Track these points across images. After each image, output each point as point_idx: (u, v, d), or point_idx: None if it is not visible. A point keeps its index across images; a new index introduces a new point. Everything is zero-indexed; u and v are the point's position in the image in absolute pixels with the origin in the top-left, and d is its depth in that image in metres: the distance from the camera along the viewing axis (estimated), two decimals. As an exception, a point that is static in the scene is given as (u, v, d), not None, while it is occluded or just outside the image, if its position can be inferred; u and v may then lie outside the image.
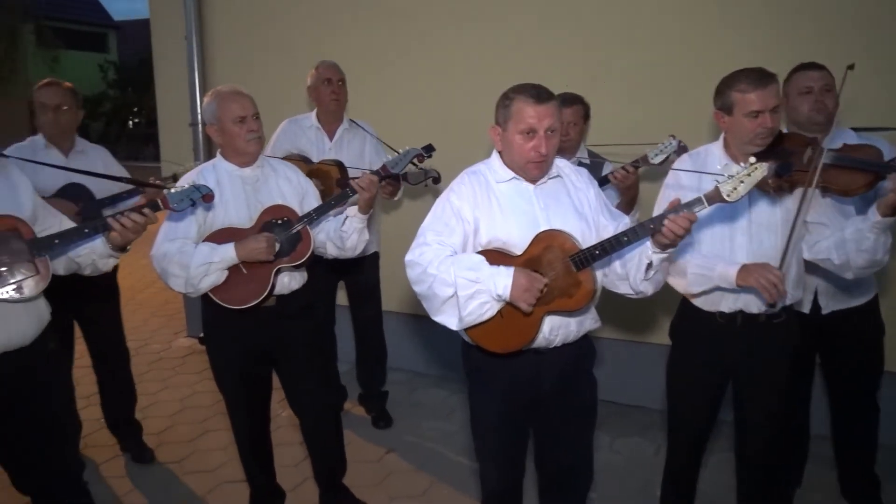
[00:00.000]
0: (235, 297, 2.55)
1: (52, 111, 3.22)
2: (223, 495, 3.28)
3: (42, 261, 2.03)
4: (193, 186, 2.26)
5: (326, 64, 3.65)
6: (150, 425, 3.87)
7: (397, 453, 3.64)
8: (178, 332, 5.71)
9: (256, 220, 2.60)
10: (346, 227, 2.66)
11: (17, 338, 2.05)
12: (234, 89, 2.63)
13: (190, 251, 2.48)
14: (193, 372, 4.83)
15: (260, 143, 2.64)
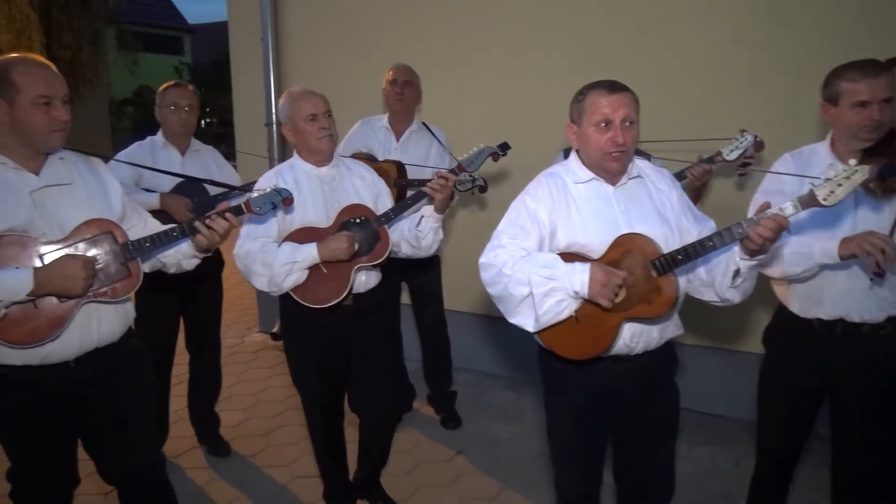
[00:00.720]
0: (317, 296, 2.60)
1: (183, 111, 3.35)
2: (298, 489, 3.34)
3: (134, 263, 2.10)
4: (274, 190, 2.30)
5: (395, 65, 3.69)
6: (225, 418, 3.97)
7: (467, 455, 3.64)
8: (251, 327, 5.85)
9: (335, 220, 2.63)
10: (421, 226, 2.67)
11: (107, 335, 2.13)
12: (306, 89, 2.68)
13: (273, 250, 2.53)
14: (266, 367, 4.95)
15: (332, 140, 2.67)
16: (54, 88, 1.96)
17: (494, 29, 4.29)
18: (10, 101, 1.92)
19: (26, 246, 1.94)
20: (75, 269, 1.90)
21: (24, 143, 1.98)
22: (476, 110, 4.36)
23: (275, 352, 5.25)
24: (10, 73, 1.91)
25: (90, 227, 2.03)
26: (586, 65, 3.93)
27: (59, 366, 2.03)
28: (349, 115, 4.78)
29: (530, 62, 4.20)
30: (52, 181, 2.03)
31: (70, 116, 2.00)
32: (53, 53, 14.82)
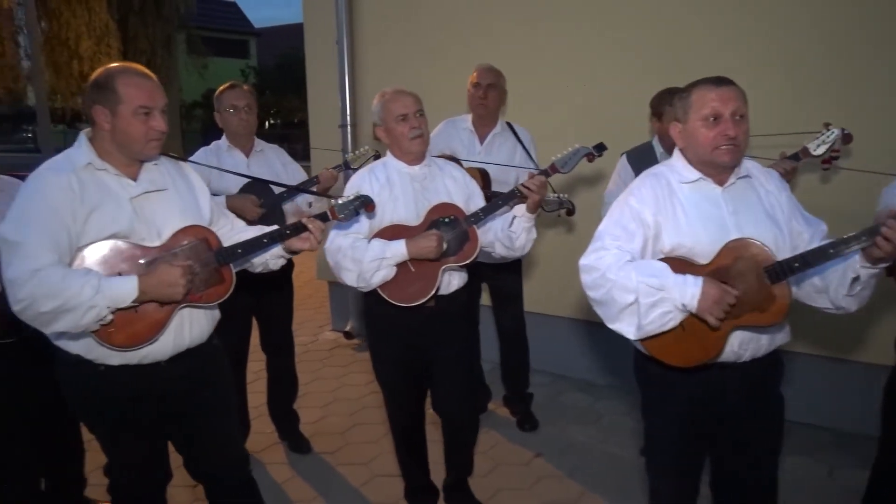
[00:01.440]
0: (403, 295, 2.60)
1: (243, 112, 3.39)
2: (377, 488, 3.35)
3: (226, 268, 2.13)
4: (357, 197, 2.34)
5: (479, 67, 3.63)
6: (303, 416, 4.00)
7: (545, 458, 3.58)
8: (323, 325, 5.92)
9: (424, 218, 2.63)
10: (514, 227, 2.63)
11: (197, 337, 2.18)
12: (397, 89, 2.68)
13: (362, 246, 2.54)
14: (340, 365, 4.99)
15: (423, 141, 2.67)
16: (154, 99, 1.99)
17: (568, 27, 4.22)
18: (112, 109, 1.96)
19: (128, 252, 1.98)
20: (176, 276, 1.94)
21: (123, 151, 2.02)
22: (553, 111, 4.29)
23: (347, 350, 5.30)
24: (115, 83, 1.95)
25: (186, 234, 2.07)
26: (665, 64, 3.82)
27: (152, 365, 2.08)
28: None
29: (611, 60, 4.11)
30: (149, 187, 2.07)
31: (167, 126, 2.04)
32: (130, 59, 15.39)
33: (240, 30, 29.38)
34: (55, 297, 1.81)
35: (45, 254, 1.85)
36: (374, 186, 2.62)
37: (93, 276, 1.86)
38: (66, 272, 1.85)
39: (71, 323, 1.86)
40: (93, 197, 1.96)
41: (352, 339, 5.47)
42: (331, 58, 5.06)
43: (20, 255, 1.84)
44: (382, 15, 4.95)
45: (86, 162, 1.99)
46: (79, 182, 1.95)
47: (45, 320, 1.86)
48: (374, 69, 5.03)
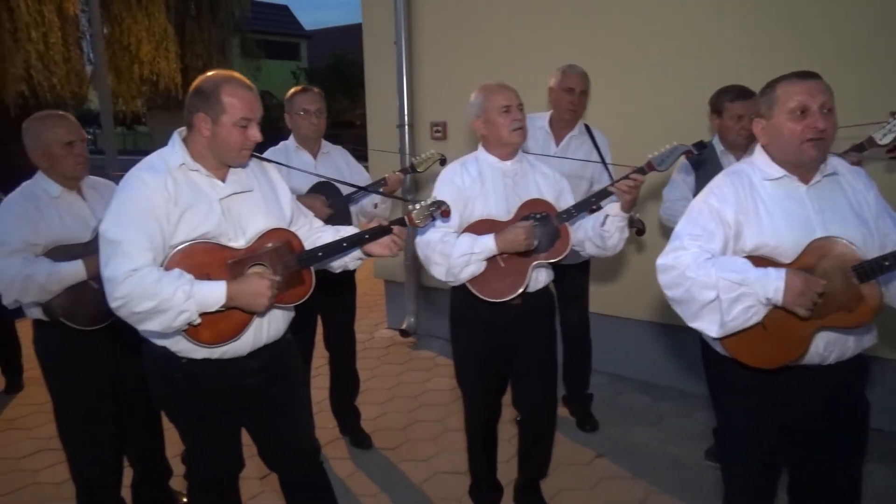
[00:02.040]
0: (492, 290, 2.60)
1: (314, 116, 3.45)
2: (439, 484, 3.36)
3: (307, 271, 2.18)
4: (433, 202, 2.35)
5: (572, 72, 3.55)
6: (363, 412, 4.05)
7: (608, 458, 3.55)
8: (378, 323, 5.98)
9: (515, 214, 2.62)
10: (607, 226, 2.60)
11: (275, 334, 2.24)
12: (499, 83, 2.67)
13: (452, 241, 2.54)
14: (397, 363, 5.03)
15: (523, 133, 2.66)
16: (254, 111, 2.04)
17: (625, 26, 4.17)
18: (214, 118, 2.01)
19: (216, 252, 2.04)
20: (263, 287, 1.99)
21: (216, 156, 2.08)
22: (615, 109, 4.24)
23: (403, 348, 5.33)
24: (220, 93, 2.00)
25: (270, 237, 2.12)
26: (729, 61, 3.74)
27: (231, 360, 2.14)
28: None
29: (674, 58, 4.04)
30: (237, 188, 2.13)
31: (261, 137, 2.08)
32: (187, 63, 15.80)
33: (291, 32, 29.85)
34: (150, 298, 1.88)
35: (142, 254, 1.91)
36: (465, 180, 2.63)
37: (185, 282, 1.92)
38: (161, 275, 1.91)
39: (163, 324, 1.92)
40: (186, 198, 2.01)
41: (408, 337, 5.51)
42: (389, 58, 5.11)
43: (119, 254, 1.91)
44: (440, 15, 4.97)
45: (179, 163, 2.04)
46: (173, 183, 2.00)
47: (138, 319, 1.93)
48: (432, 69, 5.06)
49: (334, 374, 3.84)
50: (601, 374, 4.44)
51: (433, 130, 5.10)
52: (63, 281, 2.51)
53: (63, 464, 3.65)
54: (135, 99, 14.97)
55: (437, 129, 5.08)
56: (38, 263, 2.48)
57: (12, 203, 2.57)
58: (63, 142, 2.59)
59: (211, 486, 2.33)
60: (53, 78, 12.68)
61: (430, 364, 4.98)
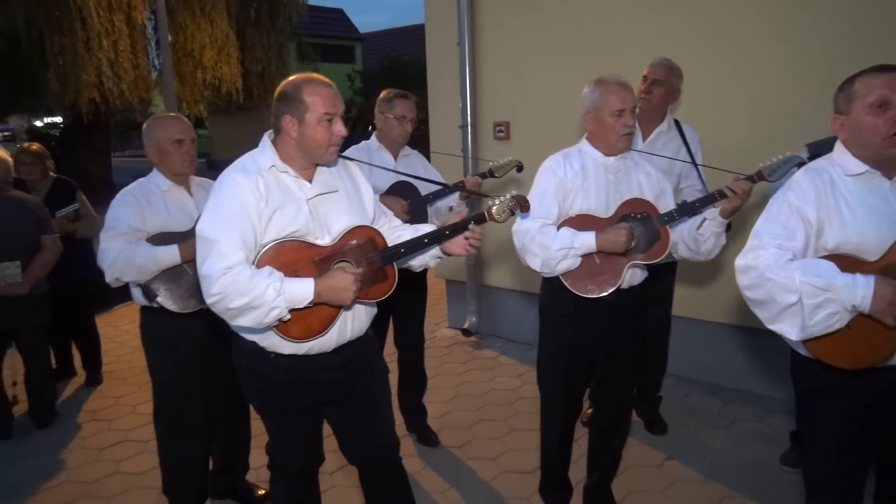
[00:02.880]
0: (586, 286, 2.59)
1: (409, 123, 3.53)
2: (507, 483, 3.38)
3: (390, 268, 2.23)
4: (512, 197, 2.32)
5: (655, 62, 3.52)
6: (430, 409, 4.09)
7: (678, 461, 3.50)
8: (439, 322, 6.02)
9: (615, 211, 2.61)
10: (703, 230, 2.55)
11: (358, 331, 2.30)
12: (618, 80, 2.62)
13: (551, 233, 2.55)
14: (460, 362, 5.06)
15: (630, 139, 2.64)
16: (336, 106, 2.10)
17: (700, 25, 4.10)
18: (300, 118, 2.07)
19: (303, 250, 2.11)
20: (348, 282, 2.04)
21: (306, 157, 2.14)
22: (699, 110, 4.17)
23: (465, 347, 5.36)
24: (301, 93, 2.06)
25: (355, 234, 2.18)
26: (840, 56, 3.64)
27: (317, 355, 2.21)
28: (540, 117, 4.80)
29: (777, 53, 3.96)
30: (323, 189, 2.19)
31: (346, 131, 2.15)
32: (247, 68, 16.19)
33: (346, 35, 30.27)
34: (244, 295, 1.95)
35: (236, 252, 1.99)
36: (567, 172, 2.63)
37: (276, 279, 1.98)
38: (253, 272, 1.98)
39: (255, 320, 2.00)
40: (276, 198, 2.08)
41: (469, 336, 5.54)
42: (452, 59, 5.15)
43: (215, 253, 1.99)
44: (504, 16, 4.98)
45: (270, 164, 2.12)
46: (264, 184, 2.08)
47: (232, 315, 2.00)
48: (495, 69, 5.07)
49: (402, 373, 3.90)
50: (669, 376, 4.37)
51: (496, 131, 5.11)
52: (159, 263, 2.72)
53: (144, 454, 3.82)
54: (198, 103, 15.42)
55: (499, 130, 5.10)
56: (138, 246, 2.71)
57: (127, 193, 2.82)
58: (174, 139, 2.81)
59: (293, 477, 2.41)
60: (122, 84, 13.21)
61: (492, 364, 4.99)
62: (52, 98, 13.35)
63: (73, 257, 4.41)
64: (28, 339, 4.19)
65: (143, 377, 5.00)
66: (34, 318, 4.16)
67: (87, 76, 12.60)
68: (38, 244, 4.08)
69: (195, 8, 14.51)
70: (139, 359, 5.37)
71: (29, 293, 4.01)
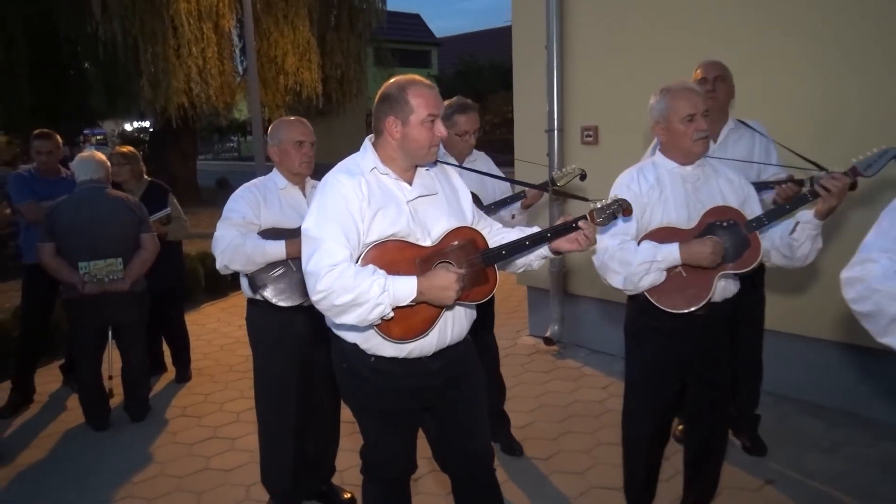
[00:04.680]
0: (673, 301, 2.51)
1: (471, 136, 3.52)
2: (596, 499, 3.28)
3: (491, 269, 2.21)
4: (615, 201, 2.26)
5: (705, 63, 3.45)
6: (513, 419, 4.04)
7: (778, 486, 3.32)
8: (520, 329, 5.95)
9: (699, 221, 2.52)
10: (797, 234, 2.45)
11: (458, 334, 2.28)
12: (685, 85, 2.58)
13: (631, 248, 2.49)
14: (542, 371, 4.98)
15: (706, 143, 2.57)
16: (438, 107, 2.13)
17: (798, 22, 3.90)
18: (404, 120, 2.11)
19: (405, 250, 2.12)
20: (450, 281, 2.02)
21: (408, 158, 2.17)
22: (784, 112, 3.99)
23: (548, 356, 5.27)
24: (406, 95, 2.10)
25: (457, 235, 2.18)
26: None
27: (416, 360, 2.20)
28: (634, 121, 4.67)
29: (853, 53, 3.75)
30: (423, 192, 2.21)
31: (446, 132, 2.17)
32: (327, 73, 16.53)
33: (422, 40, 30.61)
34: (349, 292, 1.97)
35: (341, 250, 2.02)
36: (642, 186, 2.57)
37: (380, 276, 2.00)
38: (358, 270, 2.00)
39: (359, 317, 2.01)
40: (378, 199, 2.11)
41: (552, 345, 5.45)
42: (539, 62, 5.09)
43: (320, 251, 2.02)
44: (594, 17, 4.88)
45: (371, 167, 2.16)
46: (367, 185, 2.11)
47: (337, 311, 2.02)
48: (584, 72, 4.98)
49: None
50: (766, 394, 4.14)
51: (584, 135, 5.01)
52: (266, 255, 2.86)
53: (232, 451, 3.92)
54: (279, 108, 15.80)
55: (587, 134, 5.00)
56: (249, 237, 2.87)
57: (246, 188, 3.00)
58: (295, 140, 2.96)
59: (386, 482, 2.40)
60: (209, 90, 13.69)
61: (576, 374, 4.89)
62: (144, 103, 13.95)
63: (165, 258, 4.57)
64: (128, 335, 4.38)
65: (229, 375, 5.16)
66: (135, 315, 4.34)
67: (177, 82, 13.12)
68: (138, 242, 4.25)
69: (279, 15, 14.91)
70: (226, 357, 5.57)
71: (129, 290, 4.18)
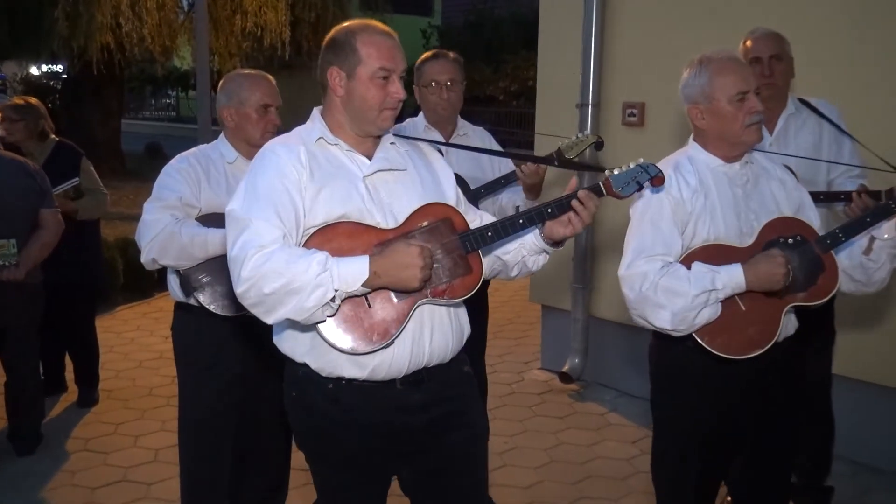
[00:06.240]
0: (736, 342, 2.46)
1: (445, 88, 3.53)
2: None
3: (474, 256, 2.20)
4: (639, 166, 2.26)
5: (757, 35, 3.46)
6: (514, 476, 4.07)
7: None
8: (530, 361, 5.98)
9: (756, 238, 2.50)
10: (874, 254, 2.48)
11: (439, 351, 2.26)
12: (731, 55, 2.56)
13: (681, 273, 2.42)
14: (556, 416, 5.00)
15: (759, 130, 2.55)
16: (395, 61, 2.17)
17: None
18: (349, 72, 2.16)
19: (360, 235, 2.14)
20: (412, 256, 2.04)
21: (355, 122, 2.22)
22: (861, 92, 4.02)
23: (564, 397, 5.29)
24: (355, 41, 2.15)
25: (426, 214, 2.19)
26: None
27: (386, 385, 2.21)
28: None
29: None
30: (384, 165, 2.25)
31: (405, 94, 2.20)
32: (298, 15, 16.53)
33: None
34: (280, 275, 1.99)
35: (271, 230, 2.06)
36: (683, 191, 2.52)
37: (320, 254, 2.04)
38: (292, 251, 2.05)
39: (296, 307, 2.01)
40: (324, 173, 2.17)
41: (570, 382, 5.47)
42: (574, 18, 5.11)
43: (246, 232, 2.07)
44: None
45: (317, 136, 2.22)
46: (309, 156, 2.17)
47: (269, 306, 2.03)
48: (632, 34, 5.02)
49: None
50: (842, 461, 4.18)
51: (626, 114, 5.05)
52: (208, 246, 2.85)
53: (146, 501, 3.91)
54: (233, 57, 15.78)
55: (631, 113, 5.03)
56: (186, 224, 2.86)
57: (184, 160, 3.01)
58: (260, 103, 2.98)
59: None
60: (144, 28, 13.66)
61: (600, 422, 4.91)
62: (57, 41, 13.90)
63: (73, 243, 4.57)
64: (15, 343, 4.34)
65: (148, 401, 5.16)
66: (24, 314, 4.30)
67: (101, 16, 13.03)
68: (37, 220, 4.24)
69: (238, -62, 14.93)
70: (146, 377, 5.57)
71: (20, 283, 4.14)
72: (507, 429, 4.73)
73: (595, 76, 5.07)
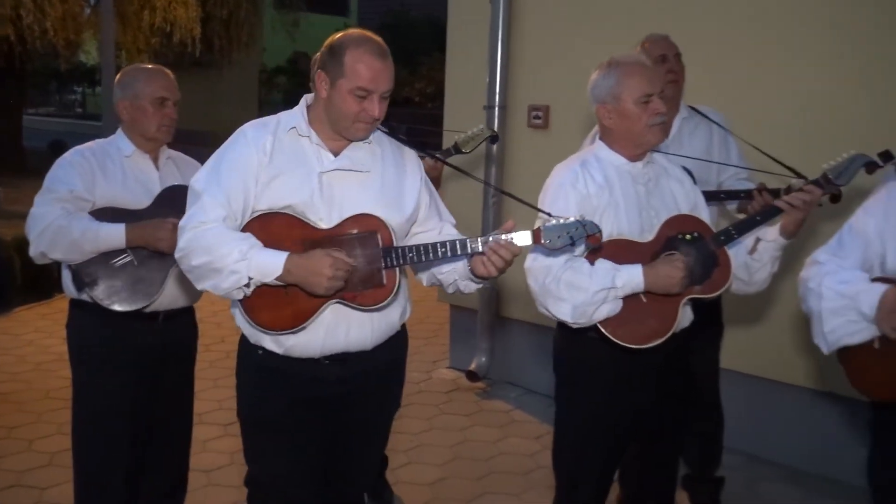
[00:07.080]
0: (635, 334, 2.54)
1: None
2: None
3: (391, 273, 2.30)
4: (578, 222, 2.25)
5: (655, 38, 3.58)
6: (416, 473, 4.11)
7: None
8: (438, 360, 6.05)
9: (656, 234, 2.58)
10: (758, 254, 2.59)
11: (356, 341, 2.41)
12: (638, 59, 2.68)
13: (583, 269, 2.47)
14: (463, 413, 5.07)
15: (662, 130, 2.66)
16: (377, 84, 2.27)
17: None
18: (332, 81, 2.28)
19: (294, 228, 2.28)
20: (324, 266, 2.17)
21: (331, 123, 2.35)
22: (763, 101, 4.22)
23: (471, 395, 5.37)
24: (344, 55, 2.25)
25: (358, 223, 2.29)
26: None
27: (307, 360, 2.39)
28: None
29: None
30: (347, 165, 2.37)
31: (382, 114, 2.31)
32: (208, 11, 16.28)
33: (339, -19, 30.49)
34: (207, 253, 2.20)
35: (216, 209, 2.25)
36: (589, 187, 2.58)
37: (244, 243, 2.20)
38: (223, 232, 2.22)
39: (214, 284, 2.23)
40: (284, 161, 2.31)
41: (476, 381, 5.54)
42: (481, 20, 5.20)
43: (197, 206, 2.27)
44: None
45: (291, 125, 2.36)
46: (274, 142, 2.32)
47: (196, 275, 2.27)
48: (537, 38, 5.12)
49: None
50: (733, 453, 4.35)
51: (531, 116, 5.16)
52: (99, 241, 2.82)
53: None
54: (141, 53, 15.46)
55: (535, 115, 5.14)
56: (76, 217, 2.83)
57: (78, 153, 2.97)
58: (156, 96, 2.96)
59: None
60: (46, 21, 13.25)
61: (504, 419, 5.00)
62: (-48, 32, 13.40)
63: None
64: None
65: (45, 404, 5.02)
66: None
67: (1, 8, 12.66)
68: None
69: (147, -69, 14.64)
70: (42, 379, 5.42)
71: None
72: (413, 427, 4.77)
73: (502, 79, 5.16)
